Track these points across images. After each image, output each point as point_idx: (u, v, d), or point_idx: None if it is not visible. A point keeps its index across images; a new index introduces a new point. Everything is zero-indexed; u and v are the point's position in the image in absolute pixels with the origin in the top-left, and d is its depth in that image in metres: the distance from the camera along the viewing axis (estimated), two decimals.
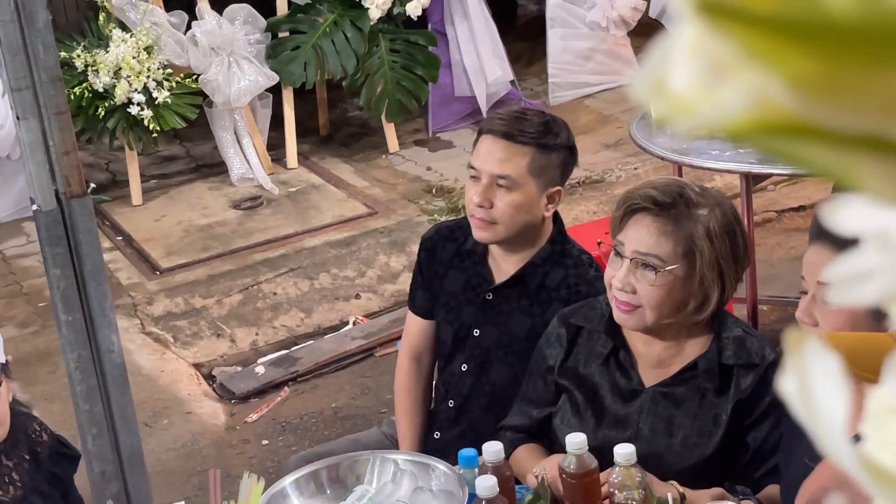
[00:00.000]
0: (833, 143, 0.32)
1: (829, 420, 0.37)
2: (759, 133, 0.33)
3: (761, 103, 0.32)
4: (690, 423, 2.21)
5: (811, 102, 0.32)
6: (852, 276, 0.36)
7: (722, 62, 0.33)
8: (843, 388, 0.37)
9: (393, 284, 5.03)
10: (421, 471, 2.16)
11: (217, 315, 4.89)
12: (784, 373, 0.38)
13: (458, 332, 2.66)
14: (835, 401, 0.37)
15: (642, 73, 0.34)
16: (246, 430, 4.19)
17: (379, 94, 6.13)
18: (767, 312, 4.31)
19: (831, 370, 0.37)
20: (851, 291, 0.36)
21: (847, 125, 0.32)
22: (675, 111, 0.34)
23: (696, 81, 0.33)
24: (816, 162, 0.34)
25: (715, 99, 0.33)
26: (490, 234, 2.51)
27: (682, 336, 2.24)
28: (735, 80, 0.33)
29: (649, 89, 0.34)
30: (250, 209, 5.83)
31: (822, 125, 0.32)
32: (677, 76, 0.34)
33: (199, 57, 5.76)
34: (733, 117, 0.33)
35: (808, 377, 0.37)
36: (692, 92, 0.33)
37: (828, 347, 0.38)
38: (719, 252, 2.14)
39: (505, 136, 2.48)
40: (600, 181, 5.80)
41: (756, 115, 0.33)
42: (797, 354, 0.38)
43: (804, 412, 0.38)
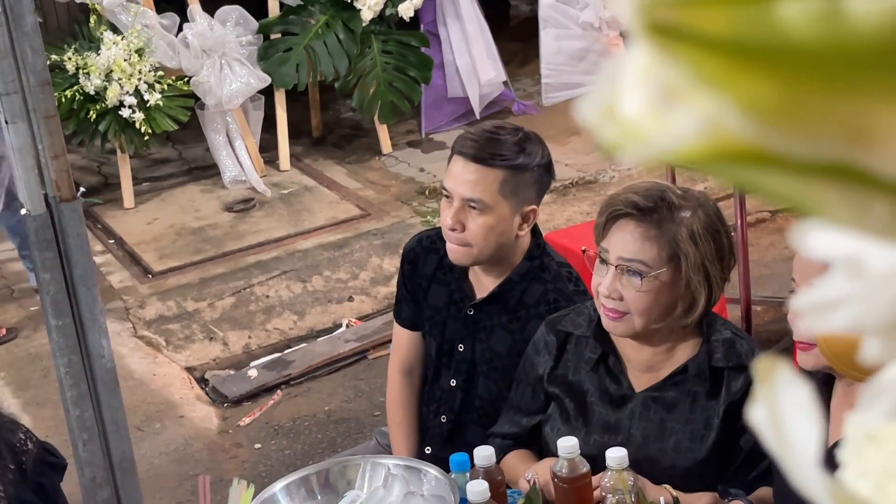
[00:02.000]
0: (792, 170, 0.31)
1: (799, 451, 0.36)
2: (714, 160, 0.32)
3: (715, 130, 0.31)
4: (682, 426, 2.20)
5: (767, 129, 0.31)
6: (822, 305, 0.35)
7: (673, 87, 0.32)
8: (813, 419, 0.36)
9: (386, 287, 5.02)
10: (412, 476, 2.15)
11: (209, 318, 4.88)
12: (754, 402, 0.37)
13: (442, 347, 2.63)
14: (806, 432, 0.36)
15: (592, 99, 0.33)
16: (238, 433, 4.18)
17: (371, 95, 6.12)
18: (761, 313, 4.31)
19: (802, 400, 0.36)
20: (821, 320, 0.35)
21: (806, 152, 0.31)
22: (626, 138, 0.32)
23: (647, 107, 0.32)
24: (775, 190, 0.32)
25: (667, 125, 0.32)
26: (464, 255, 2.47)
27: (672, 340, 2.23)
28: (687, 106, 0.31)
29: (599, 115, 0.33)
30: (243, 211, 5.81)
31: (780, 152, 0.31)
32: (627, 101, 0.32)
33: (191, 59, 5.75)
34: (686, 144, 0.32)
35: (779, 407, 0.36)
36: (643, 118, 0.32)
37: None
38: (704, 254, 2.12)
39: (475, 158, 2.41)
40: (593, 182, 5.80)
41: (710, 142, 0.31)
42: (767, 384, 0.37)
43: (774, 443, 0.37)
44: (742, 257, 3.90)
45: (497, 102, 6.66)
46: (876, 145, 0.30)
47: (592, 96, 0.33)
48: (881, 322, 0.34)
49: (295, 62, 6.06)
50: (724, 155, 0.31)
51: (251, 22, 6.03)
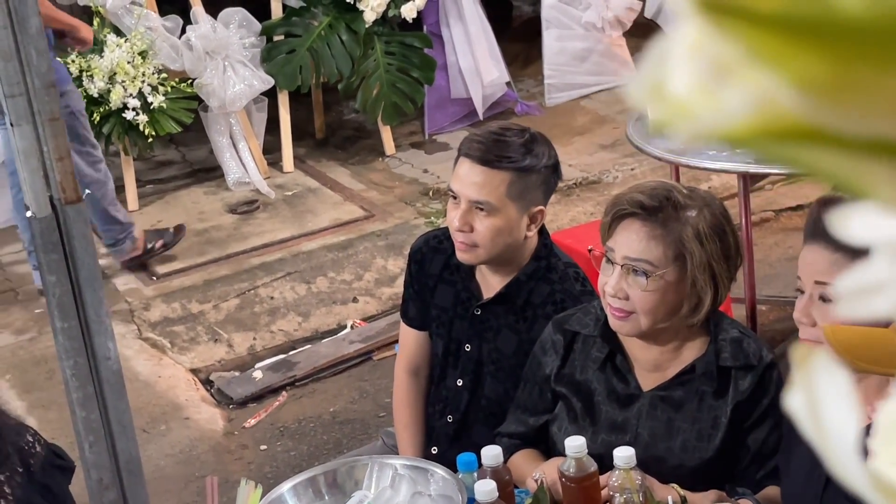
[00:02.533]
0: (842, 148, 0.31)
1: (838, 438, 0.36)
2: (764, 138, 0.32)
3: (766, 107, 0.31)
4: (690, 426, 2.20)
5: (819, 105, 0.30)
6: (862, 289, 0.35)
7: (724, 64, 0.31)
8: (852, 406, 0.36)
9: (390, 288, 5.02)
10: (419, 476, 2.15)
11: (214, 320, 4.88)
12: (791, 389, 0.37)
13: (448, 347, 2.63)
14: (844, 418, 0.36)
15: (639, 77, 0.33)
16: (244, 435, 4.18)
17: (375, 96, 6.13)
18: (766, 312, 4.31)
19: (840, 387, 0.36)
20: (861, 304, 0.35)
21: (857, 129, 0.30)
22: (674, 116, 0.32)
23: (697, 84, 0.32)
24: (824, 168, 0.32)
25: (717, 102, 0.32)
26: (471, 256, 2.48)
27: (679, 339, 2.22)
28: (738, 83, 0.31)
29: (647, 93, 0.33)
30: (247, 213, 5.81)
31: (831, 129, 0.31)
32: (677, 79, 0.32)
33: (194, 61, 5.75)
34: (737, 122, 0.32)
35: (817, 394, 0.36)
36: (693, 95, 0.32)
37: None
38: (710, 253, 2.12)
39: (482, 161, 2.41)
40: (597, 182, 5.79)
41: (761, 119, 0.31)
42: (804, 371, 0.36)
43: (812, 429, 0.37)
44: (747, 257, 3.90)
45: (500, 103, 6.66)
46: None
47: (639, 75, 0.33)
48: None
49: (298, 64, 6.06)
50: (775, 132, 0.31)
51: (254, 24, 6.03)
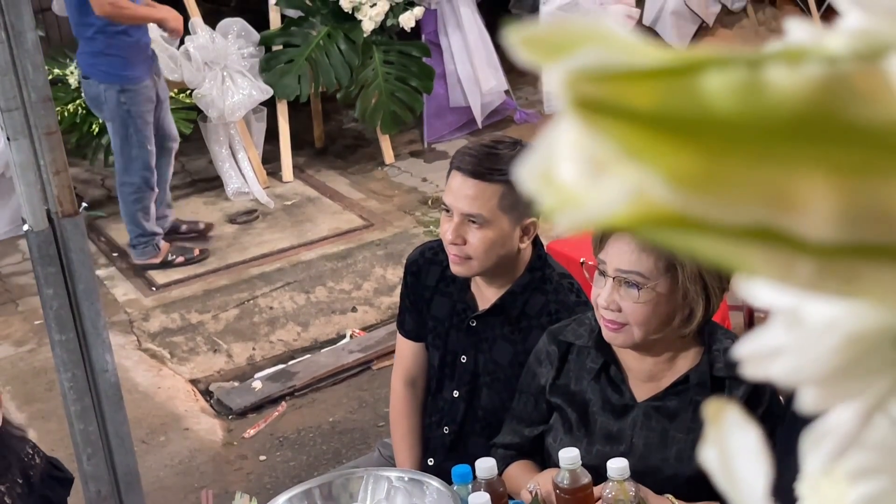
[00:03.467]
0: (717, 234, 0.32)
1: (748, 492, 0.37)
2: (643, 226, 0.33)
3: (641, 198, 0.32)
4: (684, 436, 2.20)
5: (690, 197, 0.32)
6: (763, 353, 0.36)
7: (601, 158, 0.32)
8: (761, 461, 0.37)
9: (389, 297, 5.02)
10: (415, 488, 2.16)
11: (213, 330, 4.89)
12: (704, 443, 0.38)
13: (444, 358, 2.64)
14: (754, 472, 0.37)
15: (530, 163, 0.34)
16: (243, 445, 4.18)
17: (373, 105, 6.14)
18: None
19: (750, 443, 0.37)
20: (761, 367, 0.36)
21: (729, 218, 0.32)
22: (562, 203, 0.33)
23: (580, 176, 0.33)
24: (704, 252, 0.33)
25: (597, 193, 0.33)
26: (465, 268, 2.48)
27: (673, 350, 2.23)
28: (615, 176, 0.32)
29: (537, 180, 0.34)
30: (246, 223, 5.82)
31: (704, 219, 0.32)
32: (563, 169, 0.33)
33: (193, 71, 5.77)
34: (616, 211, 0.33)
35: (728, 449, 0.37)
36: (576, 185, 0.33)
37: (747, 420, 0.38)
38: (701, 264, 2.13)
39: (473, 174, 2.41)
40: None
41: (637, 209, 0.32)
42: (716, 426, 0.37)
43: (724, 483, 0.38)
44: None
45: (499, 111, 6.67)
46: (795, 210, 0.31)
47: (531, 160, 0.34)
48: (818, 373, 0.35)
49: (297, 73, 6.07)
50: (651, 221, 0.32)
51: (253, 34, 6.05)
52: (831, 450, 0.36)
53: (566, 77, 0.31)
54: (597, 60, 0.31)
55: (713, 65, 0.30)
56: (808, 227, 0.31)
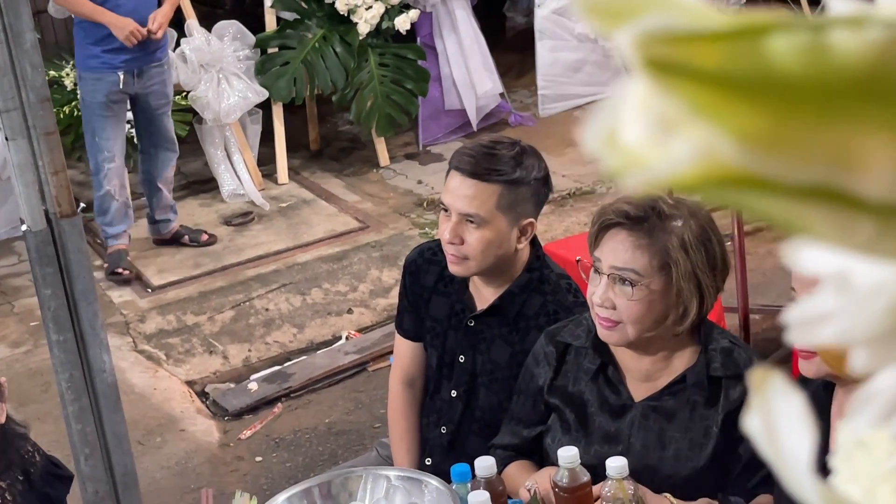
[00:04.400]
0: (780, 193, 0.33)
1: (793, 459, 0.37)
2: (709, 186, 0.34)
3: (708, 157, 0.33)
4: (682, 435, 2.21)
5: (757, 156, 0.32)
6: (811, 318, 0.37)
7: (669, 117, 0.33)
8: (807, 428, 0.37)
9: (385, 299, 5.03)
10: (413, 487, 2.16)
11: (209, 332, 4.89)
12: (749, 411, 0.39)
13: (443, 358, 2.65)
14: (799, 440, 0.37)
15: (595, 125, 0.35)
16: (239, 446, 4.18)
17: (369, 108, 6.14)
18: (759, 321, 4.32)
19: (795, 409, 0.37)
20: (810, 333, 0.37)
21: (793, 177, 0.32)
22: (627, 165, 0.34)
23: (646, 136, 0.34)
24: (766, 212, 0.34)
25: (664, 153, 0.33)
26: (462, 268, 2.49)
27: (669, 349, 2.24)
28: (683, 135, 0.33)
29: (602, 142, 0.35)
30: (241, 225, 5.83)
31: (769, 177, 0.33)
32: (628, 130, 0.34)
33: (189, 74, 5.77)
34: (683, 171, 0.33)
35: (773, 416, 0.38)
36: (642, 146, 0.34)
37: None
38: (695, 263, 2.14)
39: (472, 174, 2.43)
40: (591, 193, 5.81)
41: (704, 168, 0.33)
42: (761, 394, 0.38)
43: (769, 450, 0.38)
44: (739, 266, 3.91)
45: (494, 114, 6.68)
46: (858, 170, 0.32)
47: (596, 122, 0.35)
48: (867, 335, 0.36)
49: (292, 76, 6.08)
50: (717, 180, 0.33)
51: (248, 36, 6.05)
52: (877, 412, 0.36)
53: (637, 39, 0.32)
54: (665, 24, 0.32)
55: (778, 28, 0.31)
56: (869, 187, 0.32)
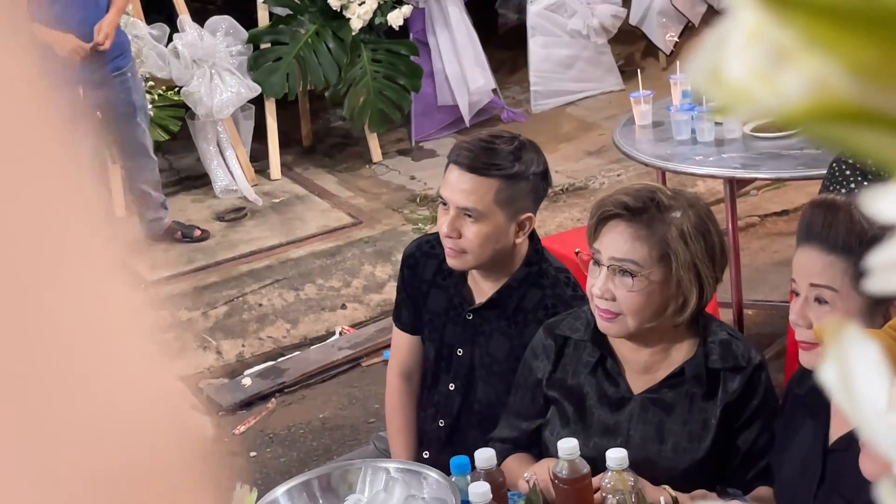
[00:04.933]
0: (892, 129, 0.33)
1: (870, 407, 0.38)
2: (819, 119, 0.34)
3: (821, 90, 0.33)
4: (680, 428, 2.22)
5: (871, 88, 0.33)
6: (893, 263, 0.37)
7: (782, 49, 0.33)
8: (883, 376, 0.38)
9: (378, 294, 5.03)
10: (413, 479, 2.16)
11: (203, 327, 4.88)
12: (824, 362, 0.39)
13: (440, 351, 2.64)
14: (876, 388, 0.37)
15: (698, 63, 0.35)
16: (234, 442, 4.18)
17: (361, 104, 6.14)
18: (753, 316, 4.33)
19: (872, 359, 0.38)
20: (892, 279, 0.37)
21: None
22: (734, 99, 0.34)
23: (755, 69, 0.34)
24: (874, 148, 0.34)
25: (775, 86, 0.34)
26: (460, 262, 2.49)
27: (668, 341, 2.24)
28: (795, 67, 0.33)
29: (706, 78, 0.35)
30: (234, 221, 5.82)
31: (882, 111, 0.33)
32: (735, 64, 0.34)
33: (181, 69, 5.76)
34: (793, 104, 0.34)
35: (849, 366, 0.38)
36: (751, 80, 0.34)
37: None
38: (694, 253, 2.14)
39: (470, 168, 2.43)
40: (584, 188, 5.82)
41: (816, 101, 0.33)
42: (836, 344, 0.38)
43: (845, 401, 0.39)
44: (733, 261, 3.93)
45: (486, 110, 6.69)
46: None
47: (699, 60, 0.35)
48: None
49: (285, 71, 6.07)
50: (828, 113, 0.33)
51: (241, 32, 6.04)
52: None
53: None
54: None
55: None
56: None
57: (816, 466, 1.96)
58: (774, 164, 3.68)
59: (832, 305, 1.92)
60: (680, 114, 3.94)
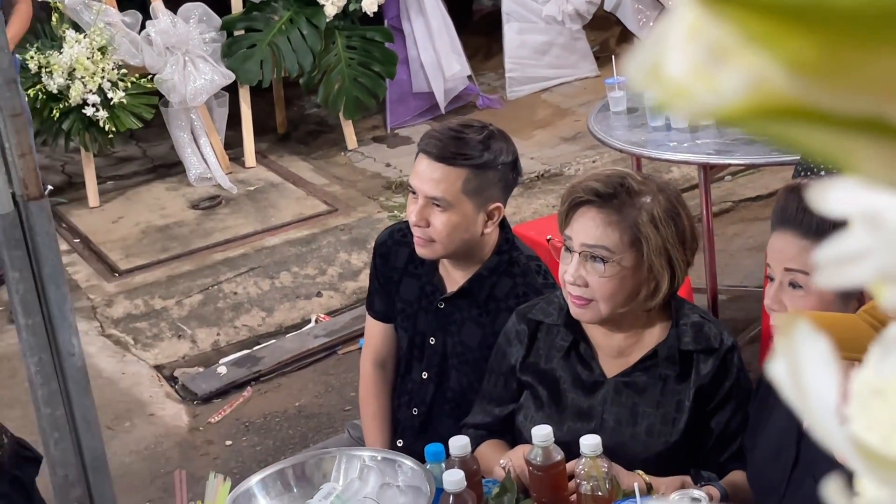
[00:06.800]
0: (831, 126, 0.33)
1: (819, 403, 0.38)
2: (758, 117, 0.34)
3: (760, 87, 0.33)
4: (654, 410, 2.23)
5: (810, 85, 0.32)
6: (843, 258, 0.37)
7: (721, 46, 0.33)
8: (832, 371, 0.37)
9: (354, 282, 5.02)
10: (387, 467, 2.16)
11: (177, 316, 4.87)
12: (774, 356, 0.39)
13: (413, 340, 2.65)
14: (825, 384, 0.37)
15: (638, 59, 0.35)
16: (209, 430, 4.17)
17: (336, 91, 6.12)
18: (727, 302, 4.35)
19: (821, 353, 0.37)
20: (842, 273, 0.37)
21: (845, 108, 0.32)
22: (672, 97, 0.34)
23: (694, 66, 0.34)
24: (814, 145, 0.34)
25: (713, 83, 0.33)
26: (429, 251, 2.50)
27: (641, 325, 2.25)
28: (734, 65, 0.33)
29: (645, 75, 0.34)
30: (209, 209, 5.80)
31: (821, 108, 0.33)
32: (674, 61, 0.34)
33: (154, 56, 5.73)
34: (732, 102, 0.33)
35: (798, 361, 0.38)
36: (690, 77, 0.34)
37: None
38: (665, 237, 2.15)
39: (438, 157, 2.44)
40: (559, 175, 5.82)
41: (755, 99, 0.33)
42: (787, 338, 0.38)
43: (794, 395, 0.39)
44: (708, 247, 3.94)
45: (462, 97, 6.67)
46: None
47: (638, 56, 0.35)
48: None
49: (259, 58, 6.04)
50: (767, 111, 0.33)
51: (214, 19, 6.01)
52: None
53: None
54: None
55: None
56: None
57: (790, 450, 1.97)
58: (748, 149, 3.69)
59: (806, 290, 1.93)
60: None
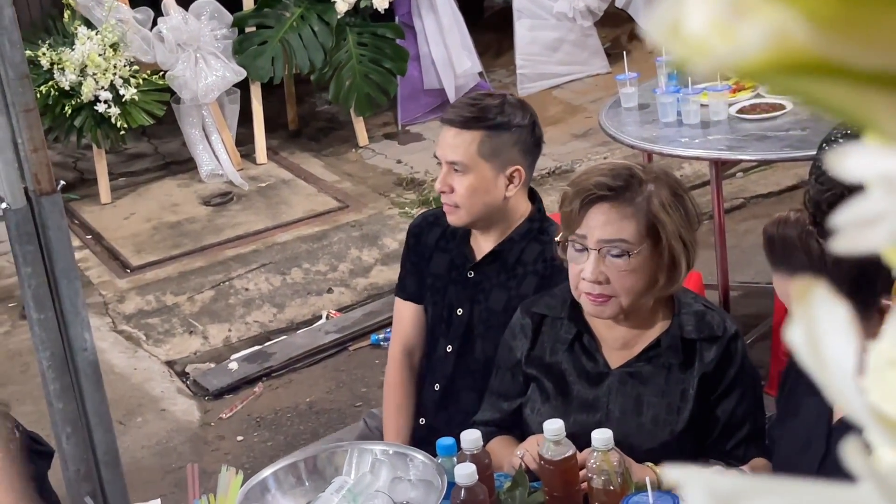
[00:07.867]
0: (851, 80, 0.33)
1: (837, 369, 0.37)
2: (778, 71, 0.34)
3: (780, 41, 0.33)
4: (659, 399, 2.22)
5: (830, 39, 0.32)
6: (860, 221, 0.37)
7: (740, 1, 0.33)
8: (851, 337, 0.37)
9: (365, 278, 5.03)
10: (399, 461, 2.16)
11: (189, 312, 4.87)
12: (791, 323, 0.39)
13: (441, 313, 2.69)
14: (843, 350, 0.37)
15: (657, 17, 0.35)
16: (220, 426, 4.18)
17: (347, 87, 6.13)
18: (739, 298, 4.34)
19: (839, 320, 0.37)
20: (859, 236, 0.37)
21: (865, 62, 0.32)
22: (692, 53, 0.34)
23: (714, 21, 0.34)
24: (833, 101, 0.34)
25: (734, 38, 0.33)
26: (455, 217, 2.58)
27: (644, 316, 2.26)
28: (754, 19, 0.33)
29: (665, 32, 0.34)
30: (220, 205, 5.81)
31: (841, 62, 0.33)
32: (694, 17, 0.34)
33: (166, 53, 5.73)
34: (752, 56, 0.33)
35: (816, 327, 0.38)
36: (710, 32, 0.34)
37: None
38: (677, 221, 2.16)
39: (453, 123, 2.54)
40: (570, 171, 5.82)
41: (775, 53, 0.33)
42: (804, 304, 0.38)
43: (812, 361, 0.38)
44: (719, 243, 3.93)
45: (473, 93, 6.67)
46: None
47: (658, 14, 0.35)
48: None
49: (270, 55, 6.05)
50: (787, 65, 0.33)
51: (226, 15, 6.02)
52: None
53: None
54: None
55: None
56: None
57: (820, 444, 1.96)
58: (760, 145, 3.68)
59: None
60: (666, 96, 3.94)
